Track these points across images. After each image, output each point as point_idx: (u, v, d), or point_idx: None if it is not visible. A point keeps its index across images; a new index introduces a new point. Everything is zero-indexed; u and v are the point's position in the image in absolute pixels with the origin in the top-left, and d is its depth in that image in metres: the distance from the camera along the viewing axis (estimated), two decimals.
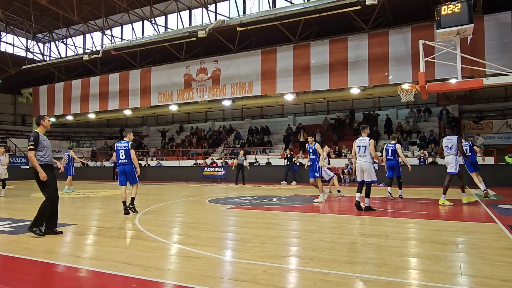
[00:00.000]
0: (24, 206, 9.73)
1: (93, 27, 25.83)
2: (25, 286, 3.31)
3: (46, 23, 25.72)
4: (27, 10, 23.03)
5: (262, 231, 5.57)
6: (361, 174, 7.55)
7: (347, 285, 3.16)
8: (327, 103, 26.04)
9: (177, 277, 3.44)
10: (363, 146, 7.52)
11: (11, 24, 25.89)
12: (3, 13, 23.22)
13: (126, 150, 7.70)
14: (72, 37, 28.25)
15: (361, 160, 7.52)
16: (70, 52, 28.33)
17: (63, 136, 33.10)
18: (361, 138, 7.68)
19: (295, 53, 18.12)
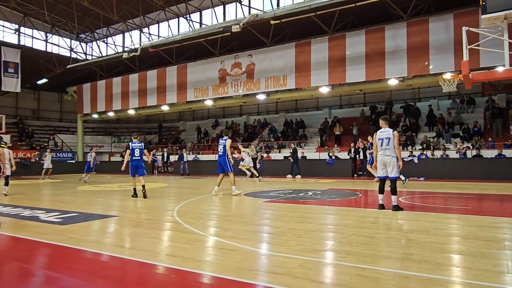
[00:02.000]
0: (71, 198, 10.30)
1: (131, 26, 26.68)
2: (73, 273, 3.51)
3: (88, 23, 26.89)
4: (70, 11, 24.17)
5: (297, 225, 5.56)
6: (384, 169, 6.87)
7: (385, 281, 3.09)
8: (363, 95, 25.41)
9: (214, 269, 3.52)
10: (386, 138, 6.81)
11: (56, 26, 27.30)
12: (49, 15, 24.50)
13: (140, 149, 9.64)
14: (112, 36, 29.34)
15: (385, 153, 6.79)
16: (110, 51, 29.48)
17: (105, 132, 34.60)
18: (384, 129, 6.93)
19: (330, 45, 17.79)
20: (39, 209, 7.52)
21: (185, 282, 3.25)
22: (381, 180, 7.00)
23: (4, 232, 5.40)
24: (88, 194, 11.22)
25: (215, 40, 21.27)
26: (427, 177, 15.66)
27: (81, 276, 3.43)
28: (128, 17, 25.27)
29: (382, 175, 6.92)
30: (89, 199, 9.97)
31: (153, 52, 23.15)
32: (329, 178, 16.66)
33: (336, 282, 3.11)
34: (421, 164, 16.44)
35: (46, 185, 15.13)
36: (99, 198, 9.93)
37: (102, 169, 26.40)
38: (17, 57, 25.20)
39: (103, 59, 26.35)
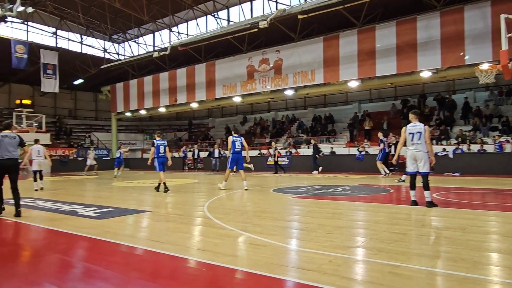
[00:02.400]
0: (107, 194, 10.71)
1: (161, 25, 27.25)
2: (109, 266, 3.67)
3: (120, 24, 27.71)
4: (103, 13, 25.01)
5: (327, 221, 5.52)
6: (415, 164, 6.65)
7: (419, 279, 3.02)
8: (394, 89, 24.73)
9: (244, 264, 3.57)
10: (417, 132, 6.61)
11: (90, 28, 28.32)
12: (84, 18, 25.45)
13: (165, 146, 10.27)
14: (143, 36, 30.10)
15: (416, 148, 6.59)
16: (141, 51, 30.28)
17: (137, 129, 35.62)
18: (415, 124, 6.74)
19: (359, 38, 17.41)
20: (77, 204, 7.87)
21: (216, 276, 3.31)
22: (411, 175, 6.82)
23: (45, 225, 5.71)
24: (122, 190, 11.61)
25: (242, 37, 21.35)
26: (463, 173, 15.07)
27: (117, 268, 3.58)
28: (158, 17, 25.82)
29: (413, 171, 6.73)
30: (123, 194, 10.33)
31: (182, 51, 23.56)
32: (359, 173, 16.38)
33: (367, 279, 3.07)
34: (456, 159, 15.83)
35: (83, 181, 15.79)
36: (132, 194, 10.26)
37: (135, 166, 27.24)
38: (55, 59, 26.39)
39: (134, 59, 27.10)
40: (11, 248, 4.57)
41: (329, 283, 2.93)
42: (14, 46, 23.63)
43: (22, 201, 7.81)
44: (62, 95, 33.51)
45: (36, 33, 27.06)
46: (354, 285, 2.96)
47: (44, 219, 6.33)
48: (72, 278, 3.39)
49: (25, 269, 3.76)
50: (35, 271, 3.66)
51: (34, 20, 26.20)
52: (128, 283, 3.18)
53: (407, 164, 6.81)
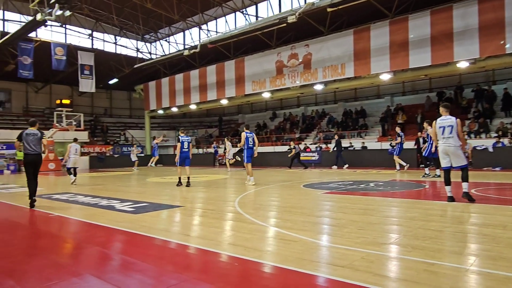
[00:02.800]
0: (141, 189, 11.06)
1: (191, 24, 27.67)
2: (145, 259, 3.80)
3: (152, 24, 28.39)
4: (135, 14, 25.72)
5: (359, 217, 5.44)
6: (447, 159, 6.45)
7: (456, 278, 2.93)
8: (429, 81, 23.82)
9: (275, 259, 3.59)
10: (449, 126, 6.40)
11: (124, 29, 29.21)
12: (117, 19, 26.28)
13: (189, 142, 10.83)
14: (174, 35, 30.69)
15: (448, 142, 6.38)
16: (172, 49, 30.89)
17: (169, 126, 36.43)
18: (445, 117, 6.53)
19: (391, 29, 16.89)
20: (114, 199, 8.19)
21: (247, 271, 3.36)
22: (445, 171, 6.59)
23: (85, 219, 5.99)
24: (156, 186, 11.95)
25: (271, 32, 21.28)
26: (504, 167, 14.35)
27: (152, 261, 3.70)
28: (187, 16, 26.23)
29: (446, 165, 6.50)
30: (157, 190, 10.63)
31: (212, 48, 23.81)
32: (392, 169, 15.96)
33: (401, 277, 3.01)
34: (496, 153, 15.09)
35: (120, 177, 16.38)
36: (165, 189, 10.54)
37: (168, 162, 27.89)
38: (91, 59, 27.44)
39: (166, 58, 27.68)
40: (54, 241, 4.84)
41: (361, 280, 2.89)
42: (53, 49, 24.80)
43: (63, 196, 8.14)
44: (98, 94, 34.82)
45: (74, 35, 28.25)
46: (388, 282, 2.90)
47: (84, 213, 6.64)
48: (110, 270, 3.54)
49: (68, 260, 3.97)
50: (77, 262, 3.86)
51: (71, 23, 27.34)
52: (163, 275, 3.28)
53: (440, 159, 6.66)
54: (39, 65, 25.79)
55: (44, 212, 6.85)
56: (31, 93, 32.55)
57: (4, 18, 24.50)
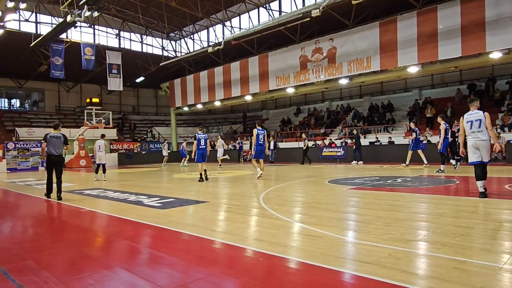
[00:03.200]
0: (168, 185, 11.29)
1: (214, 21, 27.83)
2: (172, 253, 3.89)
3: (176, 22, 28.76)
4: (160, 13, 26.14)
5: (385, 213, 5.34)
6: (478, 153, 6.35)
7: (488, 276, 2.83)
8: (459, 72, 22.96)
9: (300, 254, 3.59)
10: (477, 120, 6.32)
11: (149, 28, 29.76)
12: (143, 18, 26.80)
13: (205, 139, 11.49)
14: (198, 32, 30.96)
15: (478, 136, 6.29)
16: (196, 47, 31.18)
17: (195, 123, 36.92)
18: (473, 112, 6.48)
19: (418, 20, 16.38)
20: (142, 195, 8.41)
21: (273, 266, 3.38)
22: (476, 165, 6.42)
23: (115, 214, 6.18)
24: (182, 182, 12.17)
25: (295, 27, 21.09)
26: None
27: (180, 255, 3.79)
28: (211, 13, 26.38)
29: (476, 160, 6.37)
30: (183, 186, 10.82)
31: (235, 44, 23.87)
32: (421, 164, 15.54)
33: (430, 275, 2.94)
34: None
35: (147, 173, 16.77)
36: (192, 185, 10.71)
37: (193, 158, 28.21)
38: (119, 59, 28.14)
39: (190, 55, 27.99)
40: (86, 235, 5.03)
41: (388, 277, 2.85)
42: (83, 49, 25.60)
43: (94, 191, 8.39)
44: (126, 92, 35.71)
45: (102, 35, 29.04)
46: (416, 280, 2.85)
47: (114, 208, 6.85)
48: (140, 263, 3.65)
49: (99, 253, 4.13)
50: (108, 255, 4.00)
51: (99, 24, 28.12)
52: (190, 269, 3.35)
53: (469, 154, 6.49)
54: (70, 65, 26.71)
55: (75, 207, 7.13)
56: (63, 93, 33.79)
57: (37, 21, 25.48)
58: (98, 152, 13.23)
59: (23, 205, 8.29)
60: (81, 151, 25.18)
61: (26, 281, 3.11)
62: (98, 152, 13.23)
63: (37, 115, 32.12)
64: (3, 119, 29.63)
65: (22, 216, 6.91)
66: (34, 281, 3.10)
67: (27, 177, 17.07)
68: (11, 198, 9.76)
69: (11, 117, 30.39)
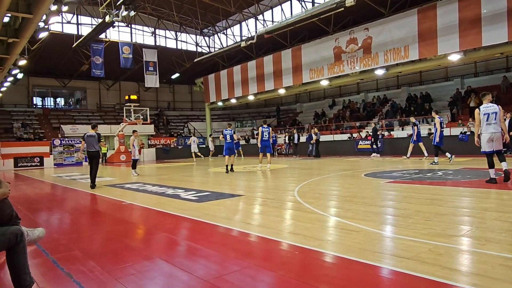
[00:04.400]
0: (204, 179, 11.52)
1: (247, 15, 27.85)
2: (209, 245, 3.98)
3: (210, 18, 29.06)
4: (194, 9, 26.51)
5: (425, 207, 5.16)
6: (491, 144, 6.99)
7: None
8: (506, 59, 21.61)
9: (336, 248, 3.56)
10: (493, 112, 6.92)
11: (183, 25, 30.28)
12: (177, 15, 27.30)
13: (231, 135, 12.79)
14: (231, 27, 31.13)
15: (495, 128, 6.94)
16: (229, 42, 31.38)
17: (229, 117, 37.31)
18: (488, 105, 7.07)
19: (460, 5, 15.53)
20: (179, 189, 8.64)
21: (308, 260, 3.37)
22: (490, 155, 7.13)
23: (154, 207, 6.40)
24: (217, 175, 12.37)
25: (328, 18, 20.68)
26: None
27: (216, 248, 3.87)
28: (243, 7, 26.42)
29: (489, 150, 7.05)
30: (218, 179, 11.00)
31: (268, 38, 23.78)
32: (463, 156, 14.85)
33: (474, 271, 2.82)
34: None
35: (183, 168, 17.18)
36: (226, 179, 10.86)
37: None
38: (154, 56, 28.90)
39: (224, 50, 28.21)
40: (127, 227, 5.25)
41: (429, 273, 2.76)
42: (121, 48, 26.51)
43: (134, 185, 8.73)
44: (162, 89, 36.64)
45: (138, 34, 29.91)
46: (459, 276, 2.74)
47: (152, 202, 7.09)
48: (178, 255, 3.77)
49: (140, 245, 4.30)
50: (148, 247, 4.16)
51: (136, 23, 28.97)
52: (226, 261, 3.42)
53: (484, 144, 7.08)
54: (109, 64, 27.76)
55: (117, 200, 7.45)
56: (103, 91, 35.24)
57: (78, 22, 26.65)
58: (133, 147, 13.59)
59: (69, 198, 8.77)
60: (121, 147, 26.21)
61: (73, 270, 3.30)
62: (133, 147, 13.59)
63: (80, 112, 33.76)
64: (49, 117, 31.41)
65: (69, 208, 7.32)
66: (81, 270, 3.28)
67: (72, 171, 18.02)
68: (58, 191, 10.36)
69: (57, 115, 32.14)
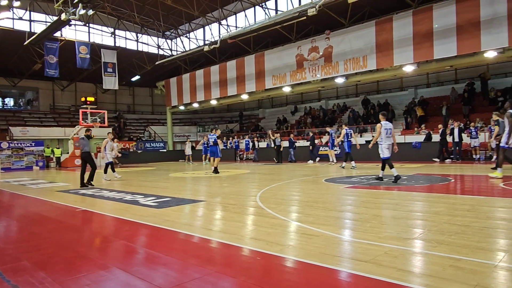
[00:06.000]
0: (164, 184, 11.25)
1: (210, 19, 27.74)
2: (169, 252, 3.88)
3: (172, 21, 28.65)
4: (156, 11, 26.00)
5: (382, 212, 5.36)
6: (389, 151, 8.73)
7: (484, 274, 2.84)
8: (454, 72, 23.10)
9: (297, 253, 3.59)
10: (390, 128, 8.66)
11: (145, 26, 29.62)
12: (139, 16, 26.66)
13: (215, 140, 14.03)
14: (194, 31, 30.88)
15: (391, 140, 8.57)
16: (192, 45, 31.09)
17: (191, 122, 36.86)
18: (386, 122, 8.89)
19: (414, 19, 16.44)
20: (138, 194, 8.38)
21: (270, 265, 3.37)
22: (387, 160, 9.13)
23: (111, 214, 6.15)
24: (178, 181, 12.14)
25: (291, 26, 21.10)
26: None
27: (176, 255, 3.77)
28: (207, 11, 26.30)
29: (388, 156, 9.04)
30: (179, 185, 10.79)
31: (231, 43, 23.84)
32: (416, 162, 15.63)
33: (426, 273, 2.95)
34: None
35: (143, 172, 16.71)
36: (188, 184, 10.68)
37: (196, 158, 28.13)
38: (114, 57, 28.02)
39: (186, 54, 27.91)
40: (82, 234, 5.00)
41: (385, 275, 2.86)
42: (78, 48, 25.44)
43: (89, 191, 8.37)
44: (122, 91, 35.56)
45: (97, 34, 28.87)
46: (413, 278, 2.86)
47: (110, 208, 6.82)
48: (136, 263, 3.64)
49: (95, 253, 4.10)
50: (104, 255, 3.98)
51: (94, 22, 27.96)
52: (187, 268, 3.34)
53: (385, 151, 8.94)
54: (64, 63, 26.55)
55: (71, 207, 7.09)
56: (57, 91, 33.59)
57: (31, 19, 25.28)
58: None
59: (18, 205, 8.24)
60: (76, 151, 25.03)
61: (21, 282, 3.08)
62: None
63: (31, 114, 31.93)
64: None
65: (17, 216, 6.86)
66: (30, 282, 3.07)
67: (21, 176, 16.96)
68: (5, 198, 9.69)
69: (5, 116, 30.17)
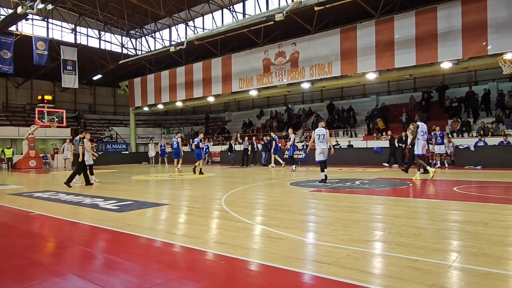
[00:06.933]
0: (126, 187, 10.90)
1: (177, 20, 27.36)
2: (130, 258, 3.75)
3: (137, 19, 27.98)
4: (120, 9, 25.30)
5: (344, 215, 5.49)
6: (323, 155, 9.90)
7: (439, 274, 2.97)
8: (413, 80, 24.20)
9: (262, 257, 3.58)
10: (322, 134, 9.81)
11: (108, 24, 28.70)
12: (102, 14, 25.80)
13: (197, 143, 14.44)
14: (160, 31, 30.32)
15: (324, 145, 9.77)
16: (158, 45, 30.52)
17: (155, 123, 36.07)
18: (320, 128, 9.98)
19: (377, 29, 17.09)
20: (98, 197, 8.06)
21: (234, 269, 3.35)
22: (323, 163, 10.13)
23: (68, 218, 5.87)
24: (141, 184, 11.81)
25: (258, 30, 21.25)
26: (485, 166, 14.70)
27: (137, 260, 3.65)
28: (174, 12, 25.93)
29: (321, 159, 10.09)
30: (142, 188, 10.51)
31: (198, 45, 23.64)
32: (377, 167, 16.19)
33: (386, 273, 3.05)
34: (478, 152, 15.44)
35: (103, 175, 16.11)
36: (151, 187, 10.42)
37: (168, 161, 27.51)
38: (74, 55, 26.91)
39: (151, 54, 27.34)
40: (35, 240, 4.72)
41: (347, 277, 2.92)
42: (35, 43, 24.21)
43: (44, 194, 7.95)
44: (82, 90, 34.18)
45: (56, 30, 27.62)
46: (373, 279, 2.94)
47: (67, 212, 6.50)
48: (94, 269, 3.48)
49: (50, 260, 3.89)
50: (59, 262, 3.78)
51: (54, 17, 26.73)
52: (149, 274, 3.24)
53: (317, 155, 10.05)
54: (20, 59, 25.17)
55: (24, 211, 6.70)
56: (11, 89, 31.75)
57: None
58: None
59: None
60: (31, 151, 23.76)
61: None
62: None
63: None
64: None
65: None
66: None
67: None
68: None
69: None
